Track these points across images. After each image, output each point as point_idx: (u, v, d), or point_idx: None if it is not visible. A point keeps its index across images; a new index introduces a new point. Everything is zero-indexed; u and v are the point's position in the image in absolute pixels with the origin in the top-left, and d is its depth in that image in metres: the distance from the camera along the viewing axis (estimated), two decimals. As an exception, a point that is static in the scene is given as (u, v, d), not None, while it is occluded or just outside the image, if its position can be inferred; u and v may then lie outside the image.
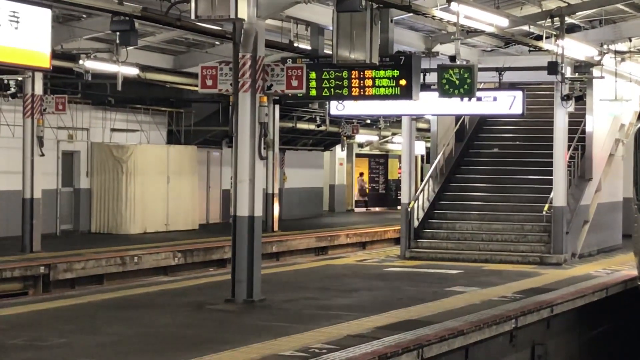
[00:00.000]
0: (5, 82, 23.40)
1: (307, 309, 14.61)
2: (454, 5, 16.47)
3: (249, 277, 14.78)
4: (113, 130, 30.58)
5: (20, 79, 23.30)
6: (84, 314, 13.98)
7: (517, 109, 20.76)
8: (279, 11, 16.32)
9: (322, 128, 38.53)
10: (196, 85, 23.74)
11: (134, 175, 29.71)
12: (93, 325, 12.88)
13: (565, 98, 21.78)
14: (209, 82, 15.18)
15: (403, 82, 15.57)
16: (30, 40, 13.89)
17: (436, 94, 17.53)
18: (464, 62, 17.73)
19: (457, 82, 17.00)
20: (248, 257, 14.77)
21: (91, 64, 22.41)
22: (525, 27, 20.78)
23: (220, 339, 11.84)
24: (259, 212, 14.87)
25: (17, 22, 13.70)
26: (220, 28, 19.45)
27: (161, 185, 30.65)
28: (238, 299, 14.78)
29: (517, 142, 26.01)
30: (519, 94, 20.81)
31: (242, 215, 14.78)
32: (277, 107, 32.28)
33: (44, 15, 14.04)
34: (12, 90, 23.27)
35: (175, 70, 28.40)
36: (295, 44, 20.18)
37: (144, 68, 25.87)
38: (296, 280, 18.32)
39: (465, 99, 18.41)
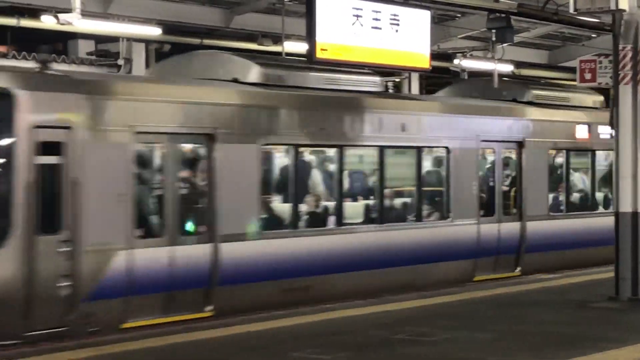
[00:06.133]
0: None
1: (696, 309, 13.96)
2: None
3: (633, 274, 14.33)
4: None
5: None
6: (465, 310, 14.09)
7: None
8: (661, -1, 15.71)
9: None
10: (571, 80, 23.39)
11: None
12: (475, 322, 12.95)
13: None
14: (588, 76, 14.93)
15: None
16: (410, 42, 14.21)
17: None
18: None
19: None
20: (632, 254, 14.32)
21: (467, 63, 22.61)
22: None
23: (604, 337, 11.55)
24: (643, 208, 14.37)
25: (398, 25, 14.07)
26: (597, 20, 19.01)
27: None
28: (622, 297, 14.37)
29: None
30: None
31: (625, 212, 14.35)
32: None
33: (424, 17, 14.32)
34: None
35: (550, 64, 28.08)
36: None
37: (518, 64, 25.77)
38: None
39: None
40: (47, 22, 17.93)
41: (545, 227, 19.84)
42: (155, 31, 19.97)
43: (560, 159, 20.97)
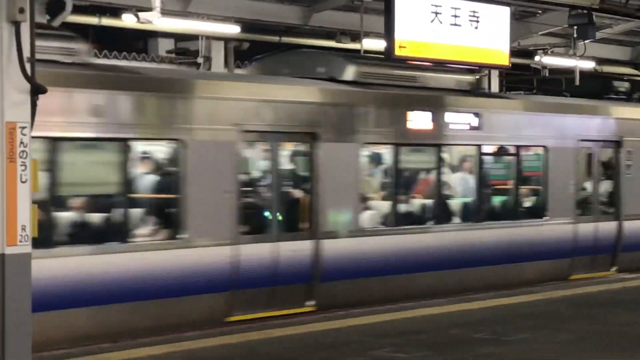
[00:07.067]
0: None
1: None
2: None
3: None
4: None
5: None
6: (544, 310, 13.95)
7: None
8: None
9: None
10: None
11: None
12: (555, 322, 12.80)
13: None
14: (671, 73, 14.60)
15: None
16: (490, 38, 14.11)
17: None
18: None
19: None
20: None
21: (548, 60, 22.40)
22: None
23: (688, 340, 11.36)
24: None
25: (477, 21, 13.98)
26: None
27: None
28: None
29: None
30: None
31: None
32: None
33: (503, 13, 14.22)
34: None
35: (633, 61, 27.70)
36: None
37: (600, 61, 25.44)
38: None
39: None
40: (127, 20, 18.13)
41: (354, 247, 14.94)
42: (234, 29, 20.08)
43: (383, 157, 16.00)
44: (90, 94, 12.29)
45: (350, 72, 15.65)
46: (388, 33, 14.94)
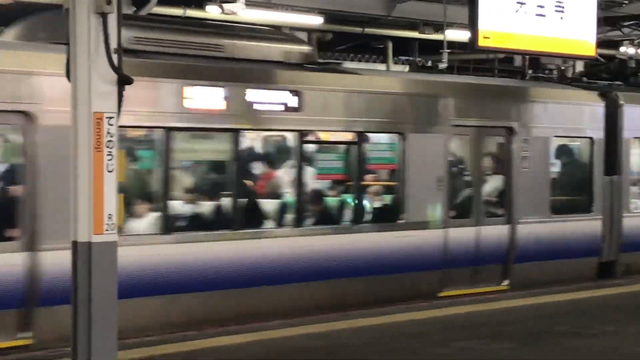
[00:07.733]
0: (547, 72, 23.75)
1: None
2: None
3: None
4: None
5: (562, 68, 23.48)
6: (628, 303, 13.79)
7: None
8: None
9: None
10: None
11: None
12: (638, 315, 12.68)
13: None
14: None
15: None
16: (575, 29, 13.97)
17: None
18: None
19: None
20: None
21: (634, 50, 22.14)
22: None
23: None
24: None
25: (562, 12, 13.85)
26: None
27: None
28: None
29: None
30: None
31: None
32: None
33: (589, 3, 14.07)
34: None
35: None
36: None
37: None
38: None
39: None
40: (211, 12, 18.26)
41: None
42: (317, 20, 20.12)
43: (146, 144, 12.57)
44: None
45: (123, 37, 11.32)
46: (472, 23, 14.86)
